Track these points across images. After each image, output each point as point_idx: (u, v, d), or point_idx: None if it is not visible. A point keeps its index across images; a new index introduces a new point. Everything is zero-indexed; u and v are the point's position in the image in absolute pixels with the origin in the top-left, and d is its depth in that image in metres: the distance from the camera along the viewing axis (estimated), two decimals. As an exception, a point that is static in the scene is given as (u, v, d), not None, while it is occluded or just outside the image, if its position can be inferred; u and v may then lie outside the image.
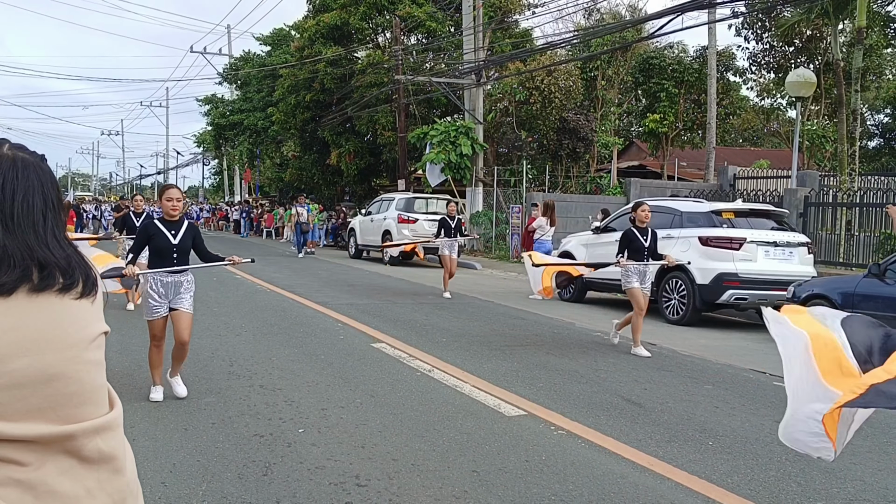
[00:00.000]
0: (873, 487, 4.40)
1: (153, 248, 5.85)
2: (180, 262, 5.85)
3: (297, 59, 31.96)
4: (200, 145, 59.64)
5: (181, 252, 5.85)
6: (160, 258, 5.83)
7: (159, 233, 5.84)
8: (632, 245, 8.50)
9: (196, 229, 6.07)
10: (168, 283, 5.86)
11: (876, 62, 29.99)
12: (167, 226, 5.89)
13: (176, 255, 5.83)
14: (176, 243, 5.83)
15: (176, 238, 5.85)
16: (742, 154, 34.12)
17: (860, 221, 15.44)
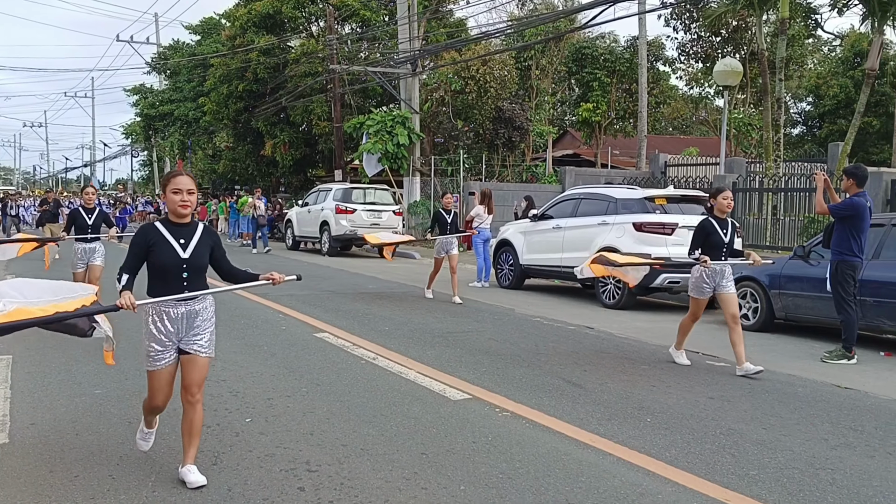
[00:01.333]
0: (801, 456, 4.65)
1: (154, 266, 3.99)
2: (193, 286, 4.02)
3: (229, 48, 31.40)
4: (129, 137, 58.05)
5: (194, 270, 4.03)
6: (163, 280, 3.98)
7: (162, 242, 3.99)
8: (710, 239, 7.06)
9: (216, 236, 4.21)
10: (177, 315, 4.02)
11: (798, 52, 31.10)
12: (174, 231, 4.04)
13: (187, 274, 4.00)
14: (186, 257, 4.00)
15: (187, 250, 4.01)
16: (672, 142, 34.97)
17: (785, 206, 16.05)
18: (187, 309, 4.04)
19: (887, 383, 6.79)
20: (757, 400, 6.00)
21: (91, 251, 9.30)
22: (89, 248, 9.28)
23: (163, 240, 4.01)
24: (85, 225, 9.18)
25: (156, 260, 3.98)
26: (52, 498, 3.88)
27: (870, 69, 16.73)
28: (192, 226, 4.12)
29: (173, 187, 4.02)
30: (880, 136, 30.77)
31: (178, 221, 4.08)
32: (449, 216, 11.79)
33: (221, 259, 4.21)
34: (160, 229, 4.05)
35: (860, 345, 7.94)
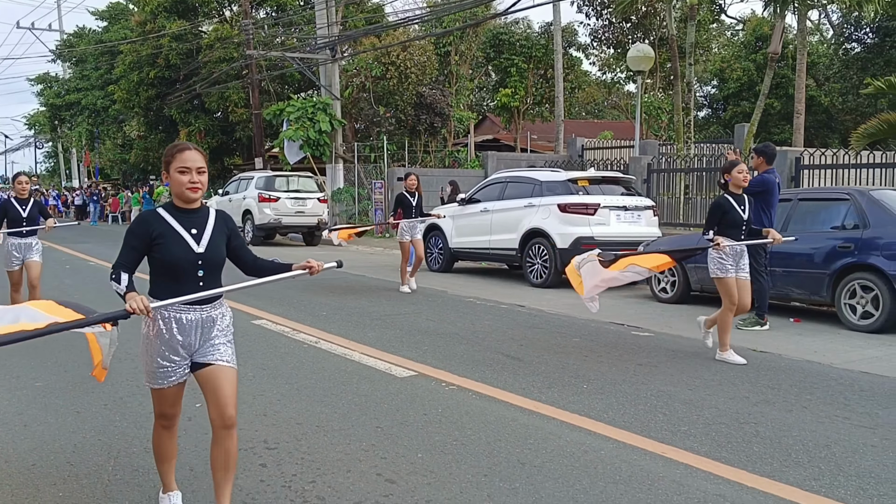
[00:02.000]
0: (726, 413, 5.05)
1: (160, 263, 3.21)
2: (209, 284, 3.24)
3: (139, 34, 30.51)
4: (33, 127, 55.61)
5: (210, 266, 3.26)
6: (174, 279, 3.20)
7: (170, 234, 3.21)
8: (727, 217, 6.57)
9: (231, 222, 3.45)
10: (191, 323, 3.24)
11: (703, 37, 32.26)
12: (182, 219, 3.26)
13: (203, 272, 3.23)
14: (201, 251, 3.23)
15: (201, 242, 3.24)
16: (587, 126, 35.83)
17: (696, 186, 16.79)
18: (202, 316, 3.24)
19: (798, 346, 7.33)
20: (682, 365, 6.42)
21: (27, 247, 8.42)
22: (25, 243, 8.40)
23: (170, 231, 3.19)
24: (19, 217, 8.26)
25: (163, 256, 3.16)
26: (12, 486, 3.90)
27: (772, 53, 17.60)
28: (203, 212, 3.31)
29: (179, 165, 3.19)
30: (781, 117, 32.25)
31: (186, 207, 3.26)
32: (413, 199, 11.26)
33: (241, 249, 3.44)
34: (165, 217, 3.23)
35: (771, 312, 8.51)
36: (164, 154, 3.27)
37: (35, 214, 8.38)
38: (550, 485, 3.80)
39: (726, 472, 3.96)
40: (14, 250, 8.36)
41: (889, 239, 7.97)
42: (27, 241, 8.40)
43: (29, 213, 8.32)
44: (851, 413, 5.05)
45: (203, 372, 3.29)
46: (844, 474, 3.96)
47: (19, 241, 8.34)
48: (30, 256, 8.41)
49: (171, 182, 3.25)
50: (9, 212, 8.26)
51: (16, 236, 8.31)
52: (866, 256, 8.09)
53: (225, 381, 3.28)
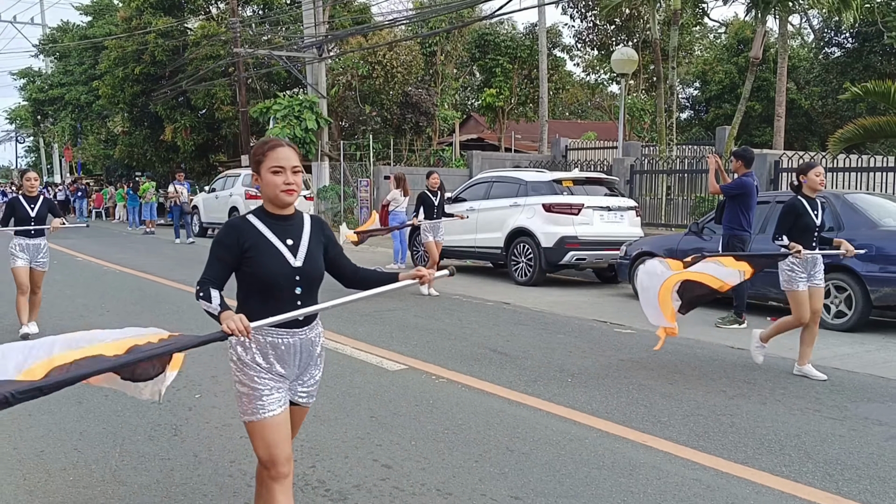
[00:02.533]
0: (704, 405, 5.30)
1: (253, 278, 2.79)
2: (307, 303, 2.85)
3: (124, 29, 30.43)
4: (14, 122, 55.21)
5: (308, 282, 2.87)
6: (267, 298, 2.79)
7: (264, 245, 2.80)
8: (800, 222, 6.04)
9: (328, 229, 3.03)
10: (289, 347, 2.85)
11: (686, 39, 32.67)
12: (276, 227, 2.85)
13: (301, 289, 2.84)
14: (299, 265, 2.84)
15: (298, 254, 2.85)
16: (571, 126, 36.15)
17: (678, 187, 17.10)
18: (301, 339, 2.85)
19: (774, 343, 7.55)
20: (662, 361, 6.67)
21: (35, 249, 7.75)
22: (32, 244, 7.73)
23: (263, 241, 2.80)
24: (27, 216, 7.68)
25: (256, 270, 2.76)
26: (23, 471, 4.08)
27: (753, 57, 17.95)
28: (298, 219, 2.91)
29: (273, 164, 2.79)
30: (762, 120, 32.73)
31: (279, 213, 2.86)
32: (435, 198, 10.96)
33: (339, 258, 3.05)
34: (256, 226, 2.82)
35: (749, 311, 8.80)
36: (253, 152, 2.89)
37: (44, 213, 7.77)
38: (538, 470, 4.03)
39: (703, 459, 4.21)
40: (21, 251, 7.71)
41: (863, 241, 8.24)
42: (35, 241, 7.75)
43: (38, 212, 7.72)
44: (822, 406, 5.32)
45: (292, 410, 2.94)
46: (813, 461, 4.21)
47: (27, 241, 7.71)
48: (36, 262, 7.79)
49: (262, 184, 2.85)
50: (17, 210, 7.73)
51: (23, 236, 7.71)
52: (841, 258, 8.37)
53: (298, 422, 3.06)
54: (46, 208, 7.78)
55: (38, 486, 3.89)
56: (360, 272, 3.12)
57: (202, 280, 2.78)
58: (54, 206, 8.08)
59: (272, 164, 2.81)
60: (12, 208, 7.77)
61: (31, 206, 7.69)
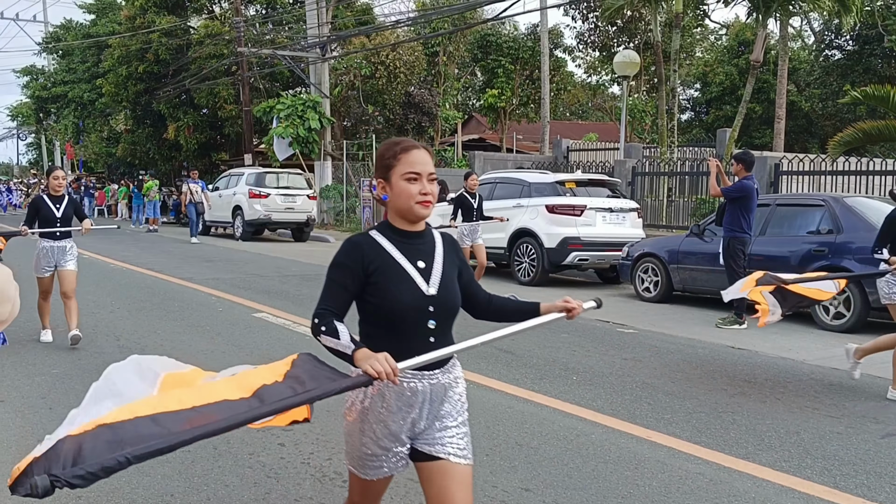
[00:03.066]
0: (706, 403, 5.45)
1: (379, 310, 2.36)
2: (441, 340, 2.37)
3: (128, 28, 30.57)
4: (16, 119, 55.34)
5: (444, 315, 2.41)
6: (394, 332, 2.36)
7: (391, 268, 2.36)
8: None
9: (459, 249, 2.56)
10: (416, 393, 2.37)
11: (688, 41, 32.84)
12: (406, 248, 2.41)
13: (434, 323, 2.37)
14: (433, 293, 2.37)
15: (431, 280, 2.39)
16: (572, 127, 36.32)
17: (679, 189, 17.26)
18: (431, 384, 2.36)
19: (774, 344, 7.75)
20: (664, 360, 6.82)
21: (60, 251, 7.24)
22: (58, 246, 7.23)
23: (391, 264, 2.35)
24: (52, 217, 7.18)
25: (382, 300, 2.32)
26: (48, 462, 4.22)
27: (754, 60, 18.10)
28: (428, 237, 2.46)
29: (408, 170, 2.34)
30: (762, 122, 32.89)
31: (409, 229, 2.41)
32: (474, 200, 10.56)
33: (471, 284, 2.57)
34: (382, 244, 2.38)
35: (750, 312, 8.94)
36: (381, 154, 2.42)
37: (70, 214, 7.31)
38: (546, 464, 4.18)
39: (705, 454, 4.36)
40: (46, 254, 7.24)
41: (861, 244, 8.41)
42: (60, 244, 7.25)
43: (63, 212, 7.24)
44: (820, 404, 5.47)
45: (428, 467, 2.38)
46: (811, 457, 4.36)
47: (52, 243, 7.22)
48: (64, 263, 7.25)
49: (390, 194, 2.38)
50: (41, 210, 7.22)
51: (48, 238, 7.22)
52: (839, 260, 8.54)
53: (458, 487, 2.36)
54: (72, 209, 7.35)
55: (65, 476, 4.03)
56: (494, 301, 2.62)
57: (321, 311, 2.34)
58: (80, 206, 7.70)
59: (406, 169, 2.35)
60: (36, 208, 7.28)
61: (56, 205, 7.22)
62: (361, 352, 2.22)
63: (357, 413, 2.40)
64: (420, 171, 2.35)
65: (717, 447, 4.49)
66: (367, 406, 2.37)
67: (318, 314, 2.36)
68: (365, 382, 2.15)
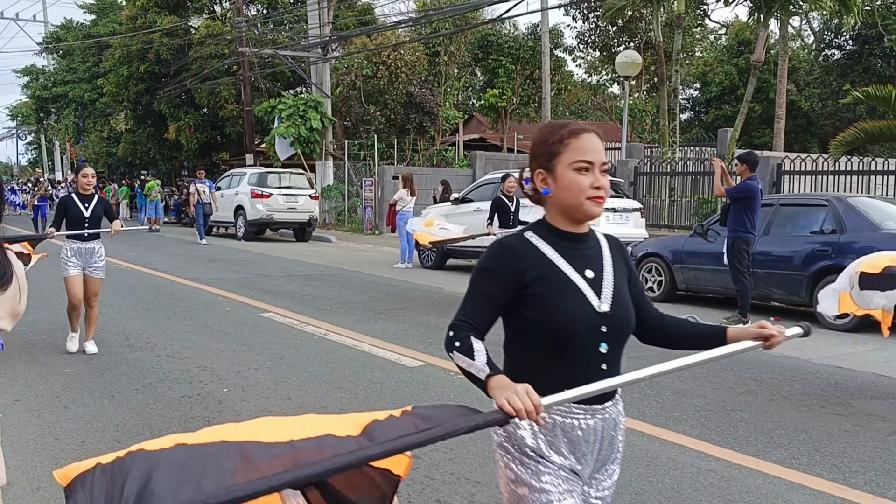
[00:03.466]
0: (714, 401, 5.51)
1: (544, 328, 1.96)
2: (613, 367, 2.07)
3: (129, 28, 30.62)
4: (16, 118, 55.36)
5: (618, 336, 2.07)
6: (560, 356, 1.97)
7: (558, 280, 1.97)
8: None
9: (626, 253, 2.18)
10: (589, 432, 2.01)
11: (688, 41, 32.89)
12: (571, 253, 2.01)
13: (607, 346, 2.02)
14: (606, 310, 1.99)
15: (602, 292, 2.00)
16: (572, 127, 36.29)
17: (681, 188, 17.34)
18: (603, 420, 1.99)
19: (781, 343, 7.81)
20: (670, 358, 6.86)
21: (88, 254, 6.90)
22: (86, 248, 6.89)
23: (556, 273, 1.96)
24: (80, 217, 6.86)
25: (547, 315, 1.93)
26: (67, 461, 4.24)
27: (755, 60, 18.18)
28: (593, 240, 2.07)
29: (578, 158, 1.95)
30: (762, 121, 32.94)
31: (573, 230, 2.02)
32: (511, 204, 9.96)
33: (642, 298, 2.16)
34: (542, 249, 1.97)
35: (753, 311, 9.00)
36: (543, 139, 2.00)
37: (99, 214, 6.97)
38: (560, 461, 4.23)
39: (716, 452, 4.42)
40: (73, 255, 6.86)
41: (864, 244, 8.47)
42: (89, 245, 6.91)
43: (92, 212, 6.90)
44: (827, 403, 5.53)
45: None
46: (821, 454, 4.43)
47: (80, 245, 6.88)
48: (91, 269, 6.93)
49: (555, 187, 1.97)
50: (69, 210, 6.88)
51: (76, 240, 6.88)
52: (842, 259, 8.57)
53: None
54: (102, 209, 7.01)
55: (84, 474, 4.08)
56: (668, 322, 2.17)
57: (458, 323, 1.98)
58: (110, 206, 7.35)
59: (576, 157, 1.95)
60: (64, 207, 6.92)
61: (85, 205, 6.88)
62: (497, 379, 1.81)
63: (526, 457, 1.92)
64: (592, 160, 1.96)
65: (727, 445, 4.55)
66: (535, 451, 1.93)
67: (455, 326, 1.98)
68: (499, 421, 1.72)
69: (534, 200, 2.10)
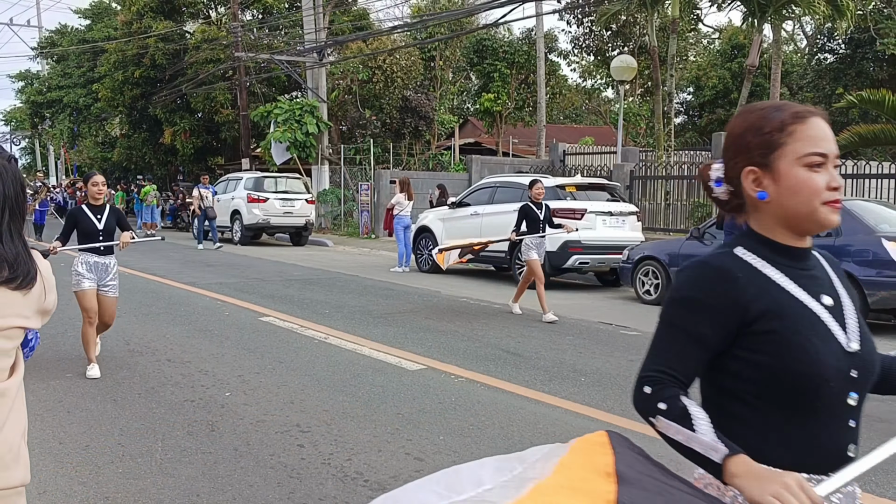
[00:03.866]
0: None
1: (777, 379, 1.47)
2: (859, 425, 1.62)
3: (124, 33, 30.63)
4: (9, 123, 55.25)
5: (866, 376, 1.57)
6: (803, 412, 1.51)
7: (796, 312, 1.50)
8: None
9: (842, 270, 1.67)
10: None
11: (682, 45, 33.05)
12: (798, 275, 1.55)
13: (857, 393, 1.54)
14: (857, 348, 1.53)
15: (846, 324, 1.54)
16: (567, 131, 36.45)
17: (676, 192, 17.41)
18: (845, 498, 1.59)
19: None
20: None
21: (102, 269, 6.34)
22: (101, 263, 6.33)
23: (790, 301, 1.52)
24: (94, 230, 6.29)
25: (789, 359, 1.48)
26: (73, 464, 4.30)
27: (750, 65, 18.31)
28: (813, 255, 1.62)
29: (812, 150, 1.51)
30: (756, 125, 33.11)
31: (797, 245, 1.58)
32: (540, 211, 9.48)
33: None
34: (763, 270, 1.54)
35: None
36: (758, 126, 1.54)
37: (112, 226, 6.39)
38: (562, 463, 4.27)
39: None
40: (87, 270, 6.29)
41: (859, 246, 8.55)
42: (104, 260, 6.35)
43: (105, 223, 6.32)
44: (825, 404, 5.58)
45: None
46: (819, 455, 4.47)
47: (95, 259, 6.32)
48: (105, 287, 6.37)
49: (778, 188, 1.53)
50: (80, 223, 6.30)
51: (92, 253, 6.31)
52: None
53: None
54: (115, 220, 6.42)
55: (90, 477, 4.11)
56: (887, 361, 1.69)
57: (655, 376, 1.53)
58: (123, 216, 6.70)
59: (809, 149, 1.51)
60: (74, 219, 6.34)
61: (97, 217, 6.29)
62: (742, 463, 1.38)
63: None
64: (827, 152, 1.51)
65: (727, 446, 4.59)
66: None
67: (650, 379, 1.52)
68: None
69: (729, 208, 1.63)
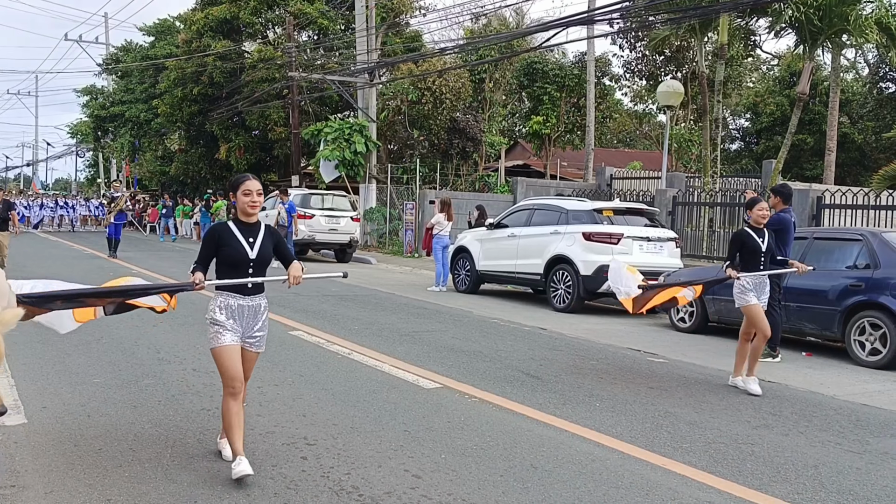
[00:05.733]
0: (726, 434, 5.46)
1: None
2: None
3: (185, 51, 31.57)
4: (75, 136, 57.23)
5: None
6: None
7: None
8: None
9: None
10: None
11: (737, 71, 32.63)
12: None
13: None
14: None
15: None
16: (617, 155, 36.24)
17: (721, 219, 17.15)
18: None
19: (806, 378, 7.69)
20: (691, 390, 6.83)
21: (252, 313, 4.67)
22: (249, 306, 4.65)
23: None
24: (242, 258, 4.55)
25: None
26: (83, 467, 4.44)
27: (800, 93, 17.97)
28: None
29: None
30: (813, 153, 32.44)
31: None
32: (762, 240, 7.09)
33: None
34: None
35: (784, 345, 8.87)
36: None
37: (268, 254, 4.66)
38: (559, 486, 4.26)
39: (718, 484, 4.39)
40: (229, 317, 4.54)
41: (899, 279, 8.31)
42: (253, 302, 4.66)
43: (259, 251, 4.60)
44: (843, 439, 5.44)
45: None
46: (826, 490, 4.36)
47: (239, 301, 4.58)
48: (251, 338, 4.71)
49: None
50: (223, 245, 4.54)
51: (236, 293, 4.56)
52: (876, 295, 8.44)
53: None
54: (272, 244, 4.65)
55: (97, 480, 4.24)
56: None
57: None
58: (282, 240, 4.86)
59: None
60: (215, 242, 4.54)
61: (248, 240, 4.55)
62: None
63: None
64: None
65: (732, 477, 4.51)
66: None
67: None
68: None
69: None
